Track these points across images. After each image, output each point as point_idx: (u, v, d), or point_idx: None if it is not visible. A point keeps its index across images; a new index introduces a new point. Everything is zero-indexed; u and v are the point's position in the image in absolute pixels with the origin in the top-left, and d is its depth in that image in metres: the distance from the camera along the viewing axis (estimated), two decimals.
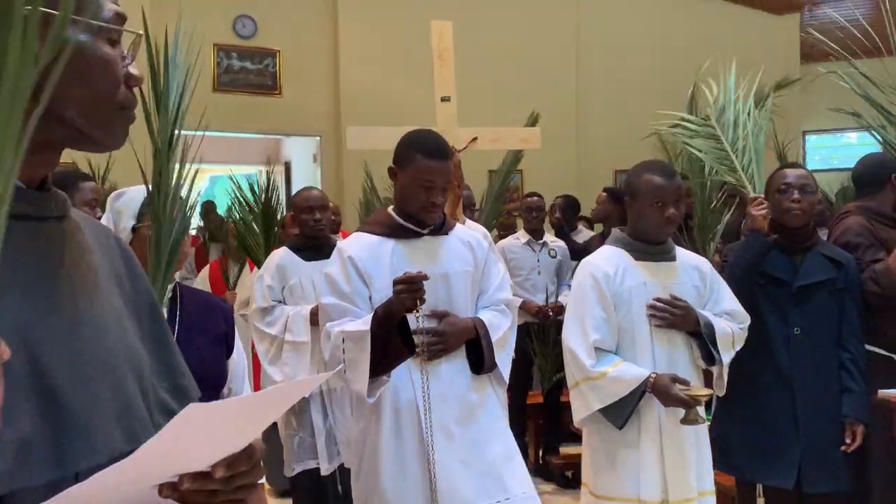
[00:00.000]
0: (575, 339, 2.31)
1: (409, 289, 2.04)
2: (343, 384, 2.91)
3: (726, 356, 2.37)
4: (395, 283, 2.07)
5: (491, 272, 2.37)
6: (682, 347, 2.36)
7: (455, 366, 2.23)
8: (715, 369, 2.40)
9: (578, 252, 4.67)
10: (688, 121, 3.20)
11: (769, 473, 2.57)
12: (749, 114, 2.93)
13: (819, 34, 4.92)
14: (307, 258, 3.36)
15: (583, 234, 5.64)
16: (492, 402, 2.28)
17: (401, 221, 2.27)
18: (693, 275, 2.42)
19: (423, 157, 2.18)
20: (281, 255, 3.43)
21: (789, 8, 7.91)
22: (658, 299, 2.31)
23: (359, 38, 7.13)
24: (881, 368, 2.63)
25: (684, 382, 2.24)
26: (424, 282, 2.07)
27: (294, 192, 6.22)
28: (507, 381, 2.33)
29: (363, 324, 2.09)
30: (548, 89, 7.29)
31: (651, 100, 7.13)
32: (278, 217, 4.21)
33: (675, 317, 2.31)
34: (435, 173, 2.18)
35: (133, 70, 0.84)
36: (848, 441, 2.52)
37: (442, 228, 2.32)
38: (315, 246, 3.37)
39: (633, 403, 2.24)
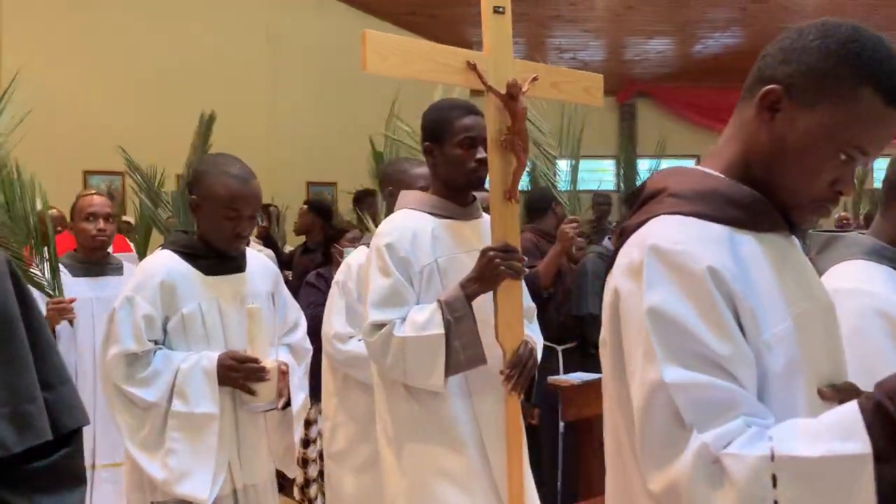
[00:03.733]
0: None
1: None
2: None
3: None
4: None
5: None
6: None
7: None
8: None
9: (285, 263, 4.93)
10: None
11: None
12: None
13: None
14: (76, 272, 2.88)
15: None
16: None
17: (763, 200, 1.10)
18: None
19: (882, 96, 1.02)
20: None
21: (461, 45, 8.79)
22: None
23: (22, 20, 6.39)
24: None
25: None
26: None
27: None
28: None
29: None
30: (240, 96, 7.23)
31: (348, 113, 7.49)
32: None
33: None
34: (883, 137, 1.06)
35: None
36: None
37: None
38: (90, 260, 2.90)
39: None
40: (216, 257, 2.15)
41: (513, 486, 2.01)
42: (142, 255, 4.65)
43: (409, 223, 2.09)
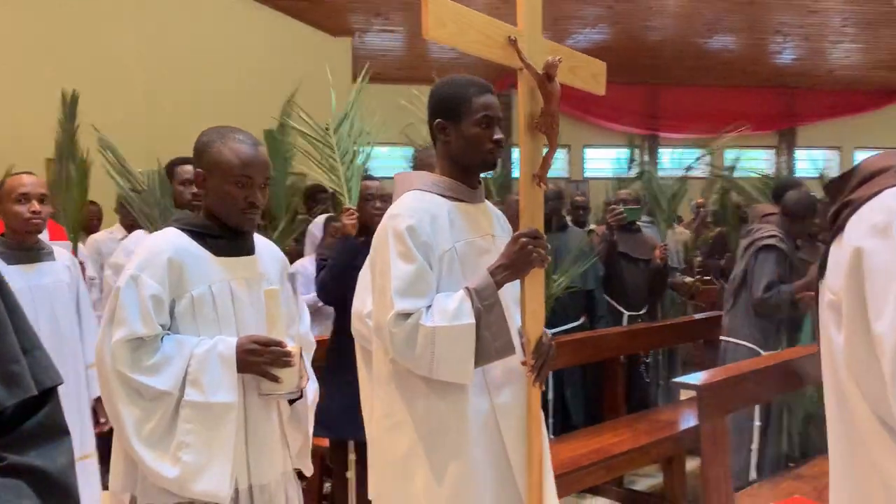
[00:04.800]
0: None
1: None
2: None
3: None
4: None
5: None
6: None
7: None
8: None
9: None
10: (311, 126, 3.41)
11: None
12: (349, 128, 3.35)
13: (368, 58, 5.76)
14: (9, 260, 2.70)
15: None
16: None
17: None
18: None
19: None
20: None
21: (343, 31, 8.85)
22: None
23: None
24: None
25: None
26: None
27: None
28: None
29: None
30: (113, 75, 7.02)
31: (224, 92, 7.39)
32: None
33: None
34: None
35: None
36: None
37: None
38: (22, 246, 2.75)
39: None
40: (227, 237, 1.98)
41: (532, 478, 1.96)
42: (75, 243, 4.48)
43: (425, 205, 1.96)
